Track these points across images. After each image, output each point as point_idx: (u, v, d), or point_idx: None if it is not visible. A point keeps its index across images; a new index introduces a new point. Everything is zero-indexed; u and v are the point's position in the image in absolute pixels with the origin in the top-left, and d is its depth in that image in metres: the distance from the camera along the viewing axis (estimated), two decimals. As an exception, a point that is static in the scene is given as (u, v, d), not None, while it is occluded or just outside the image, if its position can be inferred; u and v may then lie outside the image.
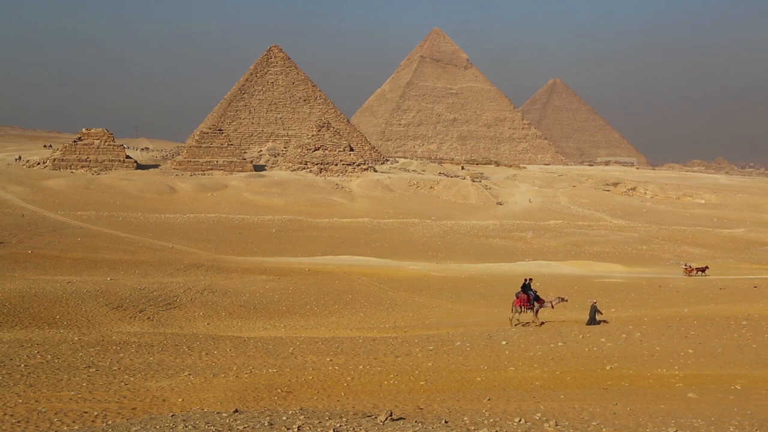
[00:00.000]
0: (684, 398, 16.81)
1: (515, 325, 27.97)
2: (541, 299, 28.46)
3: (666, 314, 29.92)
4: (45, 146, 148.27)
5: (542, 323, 28.16)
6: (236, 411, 13.16)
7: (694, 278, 48.10)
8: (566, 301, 30.23)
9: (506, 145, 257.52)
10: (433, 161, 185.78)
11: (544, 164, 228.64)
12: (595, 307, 27.63)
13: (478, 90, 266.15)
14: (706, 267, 51.50)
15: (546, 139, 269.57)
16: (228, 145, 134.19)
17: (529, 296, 28.11)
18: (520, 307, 28.19)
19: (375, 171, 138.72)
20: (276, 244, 67.55)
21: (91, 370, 19.22)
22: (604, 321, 27.82)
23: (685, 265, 52.73)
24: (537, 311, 28.23)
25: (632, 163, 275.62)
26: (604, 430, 13.42)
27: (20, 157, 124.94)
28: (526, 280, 29.17)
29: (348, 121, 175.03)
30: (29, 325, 28.48)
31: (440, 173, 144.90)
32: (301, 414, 12.89)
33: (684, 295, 38.92)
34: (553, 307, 28.73)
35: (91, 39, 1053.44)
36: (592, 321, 27.25)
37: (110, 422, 14.17)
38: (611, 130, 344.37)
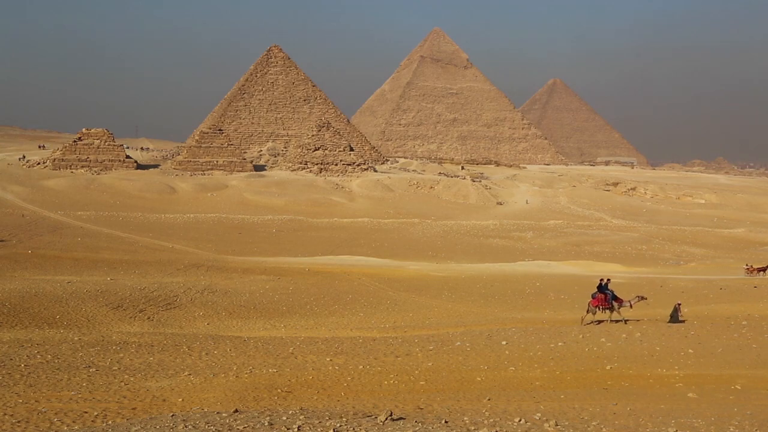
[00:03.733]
0: (684, 398, 16.80)
1: (587, 324, 27.78)
2: (620, 299, 28.32)
3: (666, 314, 29.90)
4: (39, 147, 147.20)
5: (621, 321, 28.05)
6: (236, 411, 13.17)
7: (694, 278, 48.00)
8: (646, 299, 29.87)
9: (506, 145, 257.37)
10: (433, 161, 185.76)
11: (544, 164, 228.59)
12: (678, 307, 28.10)
13: (478, 90, 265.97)
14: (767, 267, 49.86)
15: (546, 139, 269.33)
16: (228, 145, 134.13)
17: (607, 296, 28.01)
18: (597, 307, 28.03)
19: (375, 171, 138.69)
20: (276, 244, 67.51)
21: (91, 370, 19.23)
22: (684, 320, 27.91)
23: (747, 266, 51.22)
24: (616, 311, 28.14)
25: (632, 163, 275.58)
26: (604, 430, 13.41)
27: (24, 156, 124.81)
28: (602, 280, 28.91)
29: (348, 121, 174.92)
30: (29, 325, 28.45)
31: (440, 173, 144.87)
32: (301, 414, 12.90)
33: (684, 295, 38.92)
34: (632, 306, 28.54)
35: (91, 39, 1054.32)
36: (675, 320, 27.61)
37: (110, 422, 14.18)
38: (611, 130, 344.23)
